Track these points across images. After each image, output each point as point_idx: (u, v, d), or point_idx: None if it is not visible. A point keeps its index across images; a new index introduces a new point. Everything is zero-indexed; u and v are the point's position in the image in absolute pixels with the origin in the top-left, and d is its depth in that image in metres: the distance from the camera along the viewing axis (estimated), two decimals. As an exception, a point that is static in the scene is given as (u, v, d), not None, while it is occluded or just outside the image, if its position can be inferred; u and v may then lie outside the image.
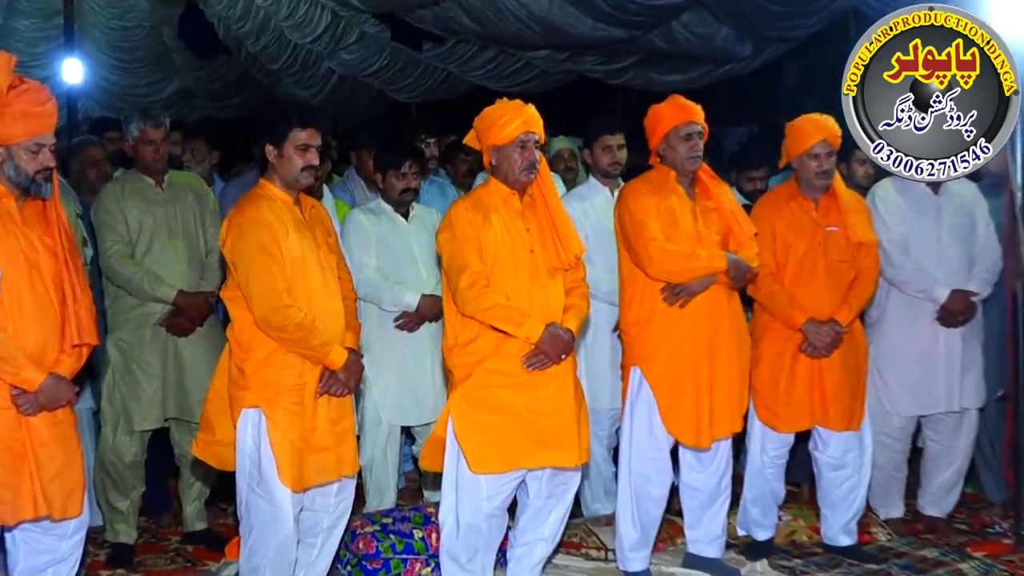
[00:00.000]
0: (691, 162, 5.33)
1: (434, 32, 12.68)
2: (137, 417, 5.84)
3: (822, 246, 5.60)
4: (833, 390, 5.59)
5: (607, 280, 5.89)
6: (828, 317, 5.54)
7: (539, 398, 4.80)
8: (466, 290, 4.72)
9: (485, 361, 4.79)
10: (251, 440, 4.60)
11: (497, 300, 4.72)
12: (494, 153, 4.87)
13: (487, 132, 4.86)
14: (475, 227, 4.78)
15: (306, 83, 15.83)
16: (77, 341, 4.33)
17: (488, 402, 4.80)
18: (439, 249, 4.93)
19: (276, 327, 4.53)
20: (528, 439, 4.79)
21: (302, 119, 4.67)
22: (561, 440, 4.83)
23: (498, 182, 4.90)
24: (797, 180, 5.68)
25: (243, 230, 4.57)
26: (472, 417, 4.80)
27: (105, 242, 5.83)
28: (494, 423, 4.79)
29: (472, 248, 4.76)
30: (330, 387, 4.66)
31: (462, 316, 4.80)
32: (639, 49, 11.89)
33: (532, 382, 4.78)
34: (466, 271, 4.73)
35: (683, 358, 5.26)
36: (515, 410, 4.78)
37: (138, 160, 5.98)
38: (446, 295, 4.90)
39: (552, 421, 4.81)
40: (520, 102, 4.91)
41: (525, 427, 4.78)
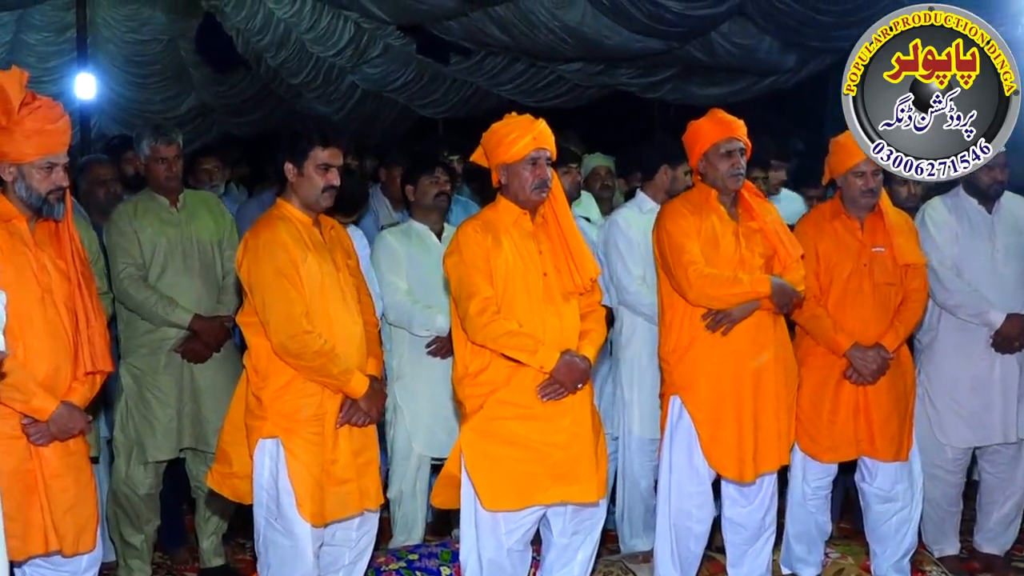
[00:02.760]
0: (733, 180, 5.32)
1: (462, 45, 12.75)
2: (151, 447, 5.86)
3: (868, 268, 5.57)
4: (880, 418, 5.56)
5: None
6: (874, 342, 5.51)
7: (554, 430, 4.75)
8: (476, 317, 4.68)
9: (497, 392, 4.75)
10: (268, 472, 4.61)
11: (509, 327, 4.68)
12: (503, 171, 4.83)
13: (495, 150, 4.82)
14: (484, 249, 4.74)
15: (328, 98, 15.91)
16: (91, 368, 4.35)
17: (500, 435, 4.75)
18: (446, 273, 4.88)
19: (294, 354, 4.54)
20: (543, 473, 4.74)
21: (324, 137, 4.68)
22: (578, 474, 4.78)
23: (508, 202, 4.85)
24: (841, 198, 5.66)
25: (259, 253, 4.58)
26: (484, 451, 4.76)
27: (117, 264, 5.85)
28: (507, 457, 4.74)
29: (481, 272, 4.72)
30: (351, 416, 4.66)
31: (472, 345, 4.76)
32: (677, 61, 11.92)
33: (547, 413, 4.74)
34: (475, 297, 4.69)
35: (726, 387, 5.24)
36: (529, 443, 4.74)
37: (151, 179, 6.01)
38: (455, 323, 4.87)
39: (568, 454, 4.76)
40: (530, 117, 4.88)
41: (540, 461, 4.74)
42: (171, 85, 17.71)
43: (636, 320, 6.10)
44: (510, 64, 13.41)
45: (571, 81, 13.46)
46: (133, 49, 17.18)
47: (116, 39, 16.93)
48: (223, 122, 17.94)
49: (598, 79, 13.14)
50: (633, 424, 6.15)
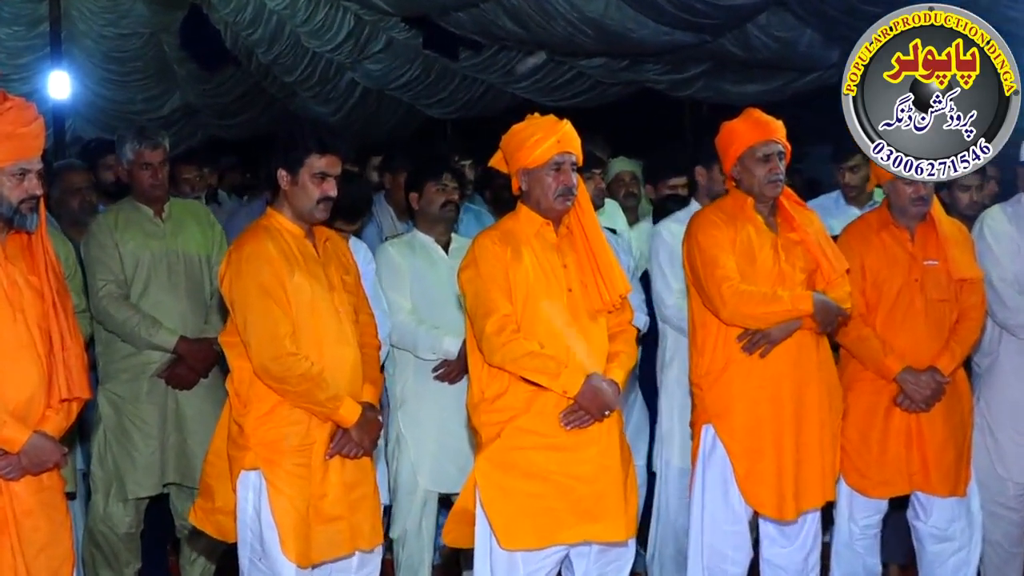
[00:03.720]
0: (771, 187, 5.32)
1: (472, 38, 12.77)
2: (132, 483, 5.87)
3: (919, 283, 5.57)
4: (935, 449, 5.55)
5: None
6: (928, 365, 5.51)
7: (579, 461, 4.75)
8: (493, 336, 4.69)
9: (516, 419, 4.74)
10: (252, 507, 4.62)
11: (529, 348, 4.68)
12: (524, 177, 4.84)
13: (516, 153, 4.84)
14: (503, 263, 4.75)
15: (325, 97, 15.97)
16: (66, 395, 4.35)
17: (520, 466, 4.75)
18: (461, 289, 4.89)
19: (277, 378, 4.56)
20: (566, 509, 4.73)
21: (322, 144, 4.70)
22: (604, 511, 4.76)
23: (529, 211, 4.87)
24: (889, 206, 5.67)
25: (242, 267, 4.60)
26: (501, 484, 4.75)
27: (96, 281, 5.87)
28: (527, 491, 4.73)
29: (500, 287, 4.73)
30: (342, 447, 4.67)
31: (489, 367, 4.77)
32: (709, 56, 11.94)
33: (571, 443, 4.73)
34: (493, 314, 4.70)
35: (764, 415, 5.23)
36: (551, 476, 4.73)
37: (134, 186, 6.03)
38: (470, 343, 4.87)
39: (595, 488, 4.75)
40: (554, 118, 4.89)
41: (563, 495, 4.73)
42: (153, 84, 17.80)
43: (681, 340, 6.04)
44: (525, 59, 13.43)
45: (592, 78, 13.50)
46: (111, 44, 17.29)
47: (93, 33, 17.03)
48: (210, 124, 18.03)
49: (622, 75, 13.17)
50: (673, 455, 6.14)
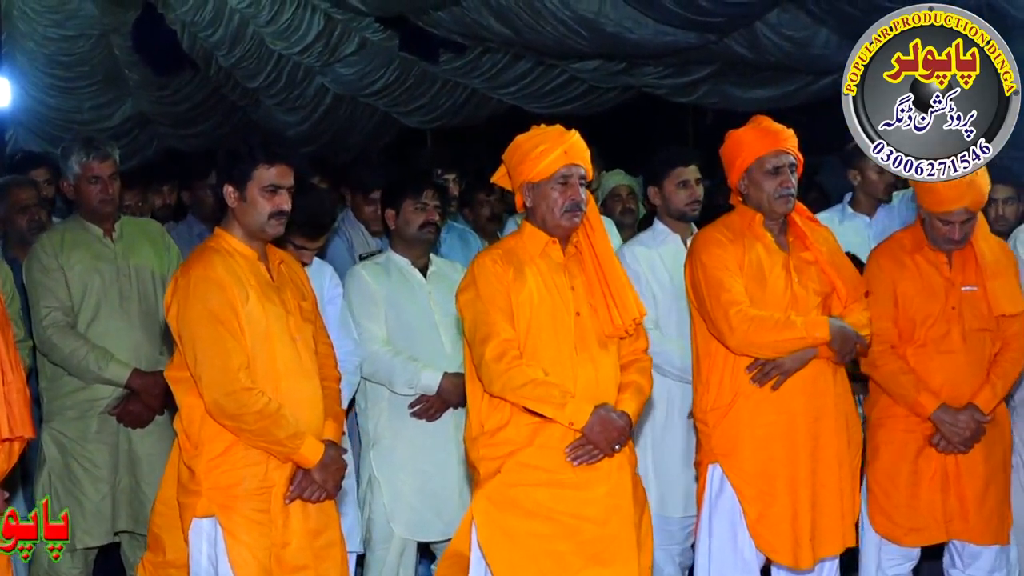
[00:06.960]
0: (781, 202, 5.34)
1: (453, 39, 12.79)
2: (80, 531, 5.86)
3: (957, 311, 5.58)
4: (976, 493, 5.56)
5: (680, 352, 5.88)
6: (966, 402, 5.52)
7: (587, 500, 4.78)
8: (493, 363, 4.72)
9: (518, 453, 4.78)
10: (207, 558, 4.63)
11: (532, 375, 4.72)
12: (529, 192, 4.88)
13: (519, 167, 4.88)
14: (505, 284, 4.79)
15: (292, 105, 15.97)
16: (7, 434, 4.34)
17: (522, 505, 4.77)
18: (459, 312, 4.93)
19: (231, 415, 4.56)
20: (573, 552, 4.75)
21: (269, 153, 4.70)
22: (616, 554, 4.79)
23: (534, 228, 4.91)
24: (923, 224, 5.68)
25: (190, 292, 4.62)
26: (501, 524, 4.78)
27: (40, 308, 5.87)
28: (529, 532, 4.76)
29: (501, 310, 4.77)
30: (303, 490, 4.68)
31: (489, 397, 4.80)
32: (714, 58, 11.96)
33: (578, 480, 4.77)
34: (493, 339, 4.74)
35: (777, 453, 5.25)
36: (556, 516, 4.76)
37: (81, 203, 6.02)
38: (469, 370, 4.91)
39: (604, 530, 4.79)
40: (561, 128, 4.93)
41: (569, 537, 4.76)
42: (102, 90, 17.76)
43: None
44: (512, 62, 13.47)
45: (586, 82, 13.52)
46: (56, 47, 17.25)
47: (36, 35, 17.01)
48: (165, 135, 17.99)
49: (619, 80, 13.19)
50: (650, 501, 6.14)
